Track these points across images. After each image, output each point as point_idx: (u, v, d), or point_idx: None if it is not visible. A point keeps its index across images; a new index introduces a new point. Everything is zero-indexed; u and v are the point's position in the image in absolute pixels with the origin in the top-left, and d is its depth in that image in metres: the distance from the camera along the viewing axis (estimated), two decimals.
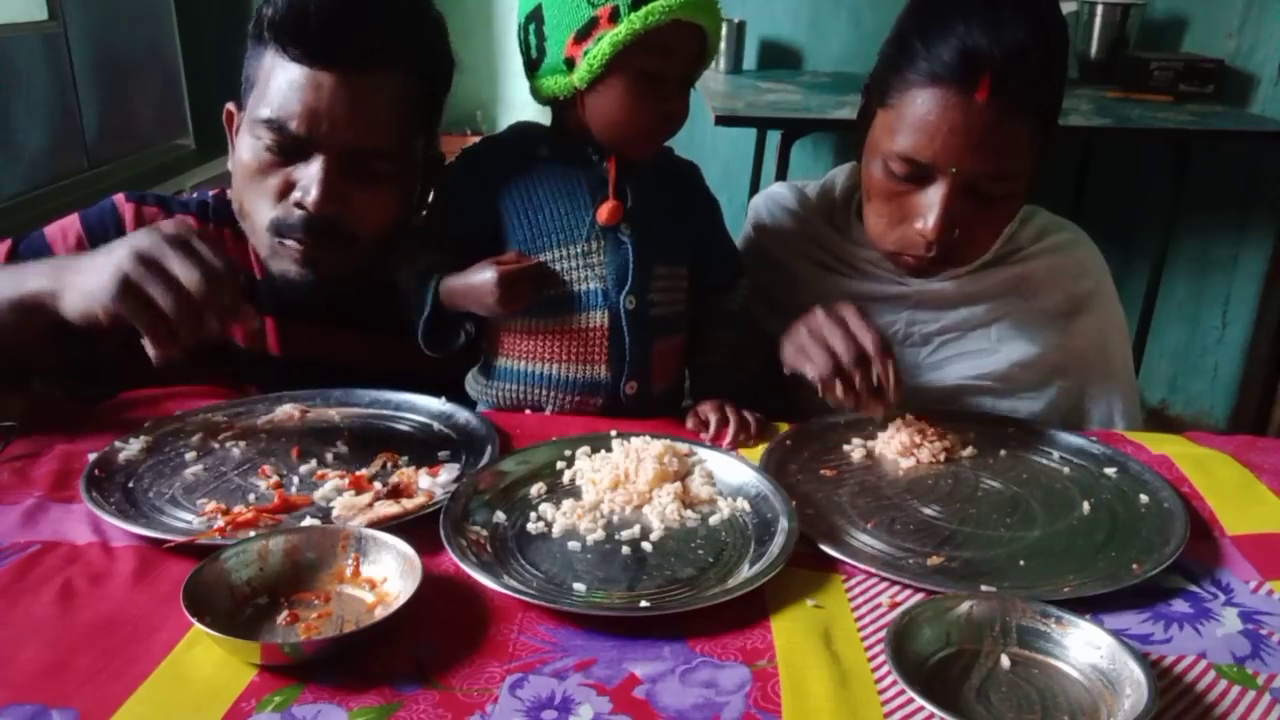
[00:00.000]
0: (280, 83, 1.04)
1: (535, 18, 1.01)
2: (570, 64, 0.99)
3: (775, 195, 1.32)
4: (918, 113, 1.03)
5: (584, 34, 0.97)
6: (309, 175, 1.05)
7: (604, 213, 1.04)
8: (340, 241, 1.08)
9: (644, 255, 1.06)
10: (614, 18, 0.95)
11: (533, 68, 1.05)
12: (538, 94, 1.06)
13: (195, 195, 1.24)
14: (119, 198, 1.19)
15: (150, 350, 0.88)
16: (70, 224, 1.17)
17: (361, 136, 1.05)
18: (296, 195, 1.06)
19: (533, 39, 1.02)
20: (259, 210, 1.08)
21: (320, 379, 1.11)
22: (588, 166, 1.06)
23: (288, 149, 1.05)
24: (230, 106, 1.15)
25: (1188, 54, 2.99)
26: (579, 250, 1.05)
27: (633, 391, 1.07)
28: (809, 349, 1.01)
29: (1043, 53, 1.01)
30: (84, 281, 0.90)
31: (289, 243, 1.07)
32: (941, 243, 1.06)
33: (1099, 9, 2.97)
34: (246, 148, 1.08)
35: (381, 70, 1.05)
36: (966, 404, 1.17)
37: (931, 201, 1.05)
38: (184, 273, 0.87)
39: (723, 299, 1.15)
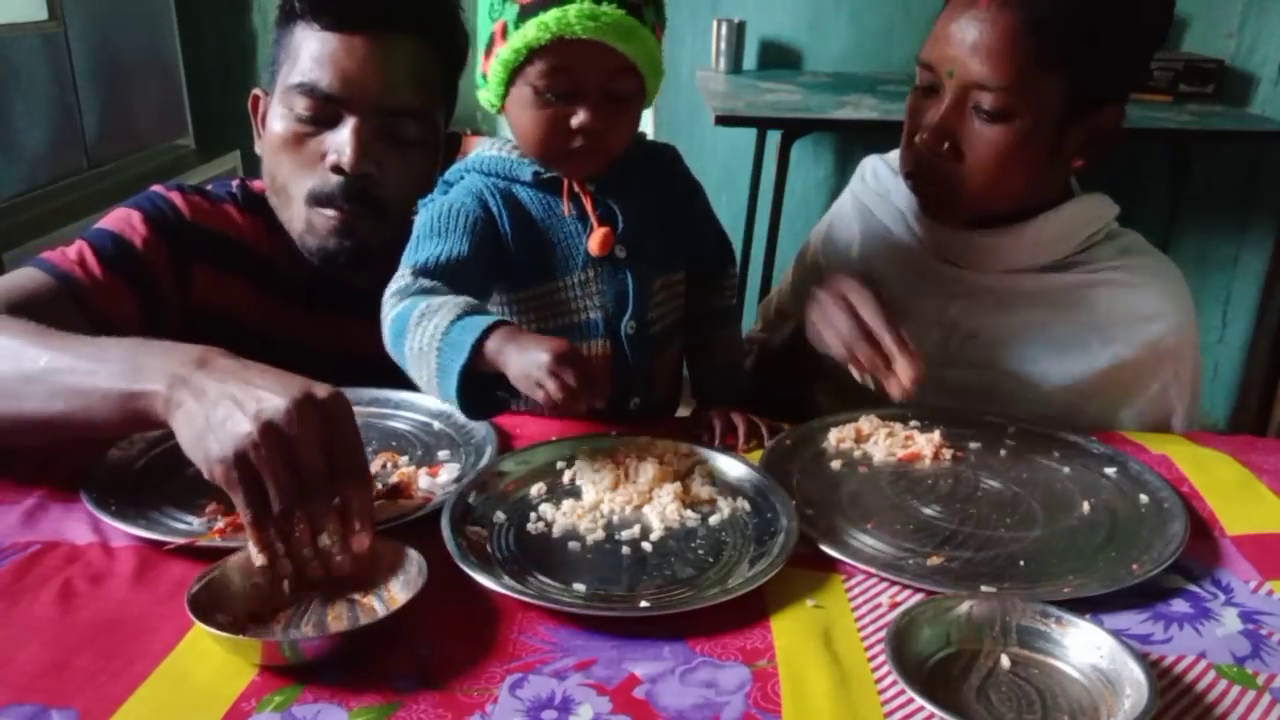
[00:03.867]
0: (312, 50, 1.07)
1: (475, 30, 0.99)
2: (485, 79, 0.98)
3: (884, 156, 1.34)
4: (939, 21, 1.09)
5: (488, 50, 0.95)
6: (342, 138, 1.08)
7: (594, 244, 0.99)
8: (374, 207, 1.10)
9: (643, 276, 1.03)
10: (505, 34, 0.92)
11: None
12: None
13: (221, 185, 1.24)
14: (158, 188, 1.18)
15: (253, 550, 0.73)
16: (129, 215, 1.13)
17: (391, 95, 1.08)
18: (331, 159, 1.08)
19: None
20: (295, 181, 1.11)
21: (339, 370, 1.12)
22: (572, 191, 1.01)
23: (320, 114, 1.08)
24: (256, 92, 1.18)
25: (1188, 54, 2.99)
26: (576, 280, 1.01)
27: (637, 406, 1.07)
28: (834, 319, 1.01)
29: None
30: (202, 423, 0.75)
31: (327, 212, 1.10)
32: (936, 154, 1.08)
33: None
34: (278, 119, 1.11)
35: (408, 36, 1.10)
36: (987, 404, 1.14)
37: (935, 111, 1.08)
38: (315, 461, 0.73)
39: (715, 295, 1.12)
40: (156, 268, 1.12)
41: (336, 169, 1.08)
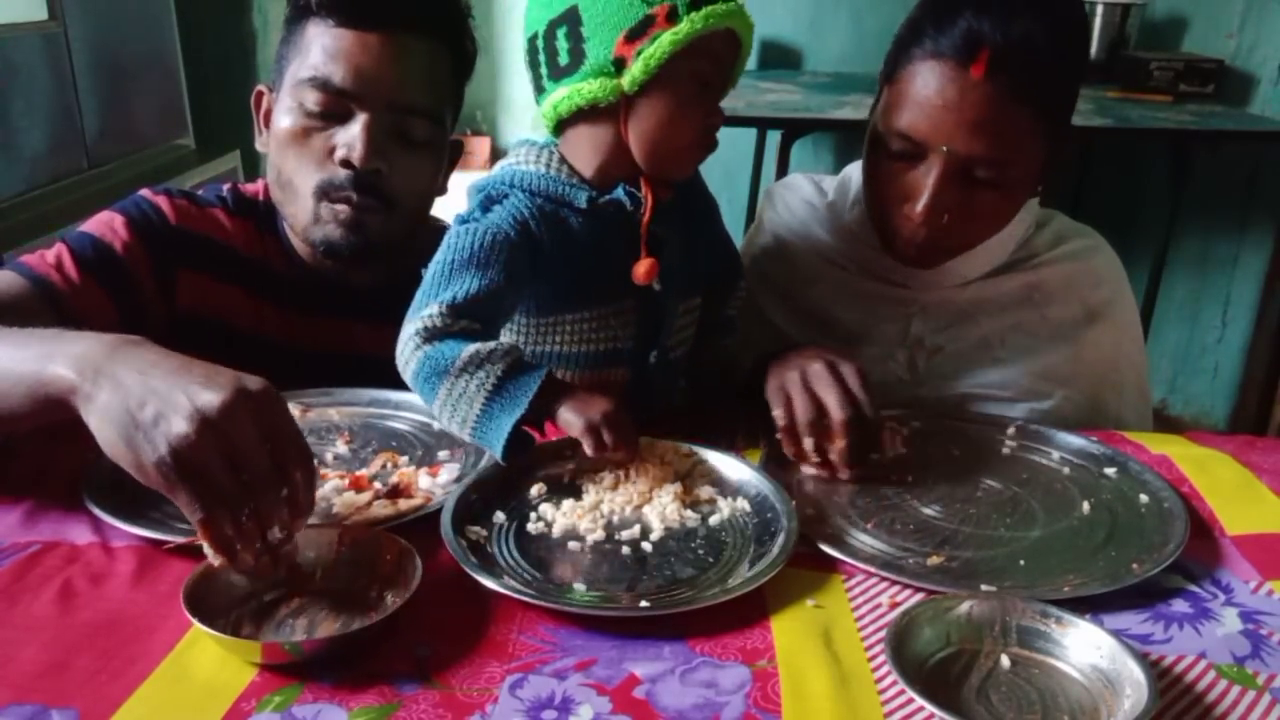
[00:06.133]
0: (325, 45, 1.07)
1: (569, 20, 0.94)
2: (620, 65, 0.92)
3: (791, 185, 1.31)
4: (915, 87, 1.03)
5: (637, 33, 0.91)
6: (352, 134, 1.07)
7: (641, 273, 0.96)
8: (382, 204, 1.10)
9: (673, 305, 1.03)
10: (672, 17, 0.90)
11: (560, 75, 0.95)
12: (564, 105, 0.95)
13: (211, 189, 1.24)
14: (145, 192, 1.18)
15: (207, 551, 0.71)
16: (111, 219, 1.14)
17: (403, 93, 1.08)
18: (341, 153, 1.08)
19: (563, 43, 0.94)
20: (302, 175, 1.10)
21: (334, 371, 1.12)
22: (623, 218, 0.97)
23: (330, 109, 1.08)
24: (261, 88, 1.18)
25: (1188, 54, 2.99)
26: (613, 310, 1.00)
27: (644, 419, 1.07)
28: (789, 390, 0.97)
29: (1051, 45, 1.00)
30: (124, 419, 0.71)
31: (336, 206, 1.09)
32: (931, 226, 1.05)
33: (1099, 9, 2.97)
34: (286, 113, 1.10)
35: (421, 37, 1.10)
36: (967, 411, 1.15)
37: (923, 182, 1.04)
38: (255, 460, 0.71)
39: (723, 307, 1.13)
40: (137, 272, 1.11)
41: (346, 163, 1.07)
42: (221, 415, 0.70)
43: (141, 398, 0.71)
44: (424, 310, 0.90)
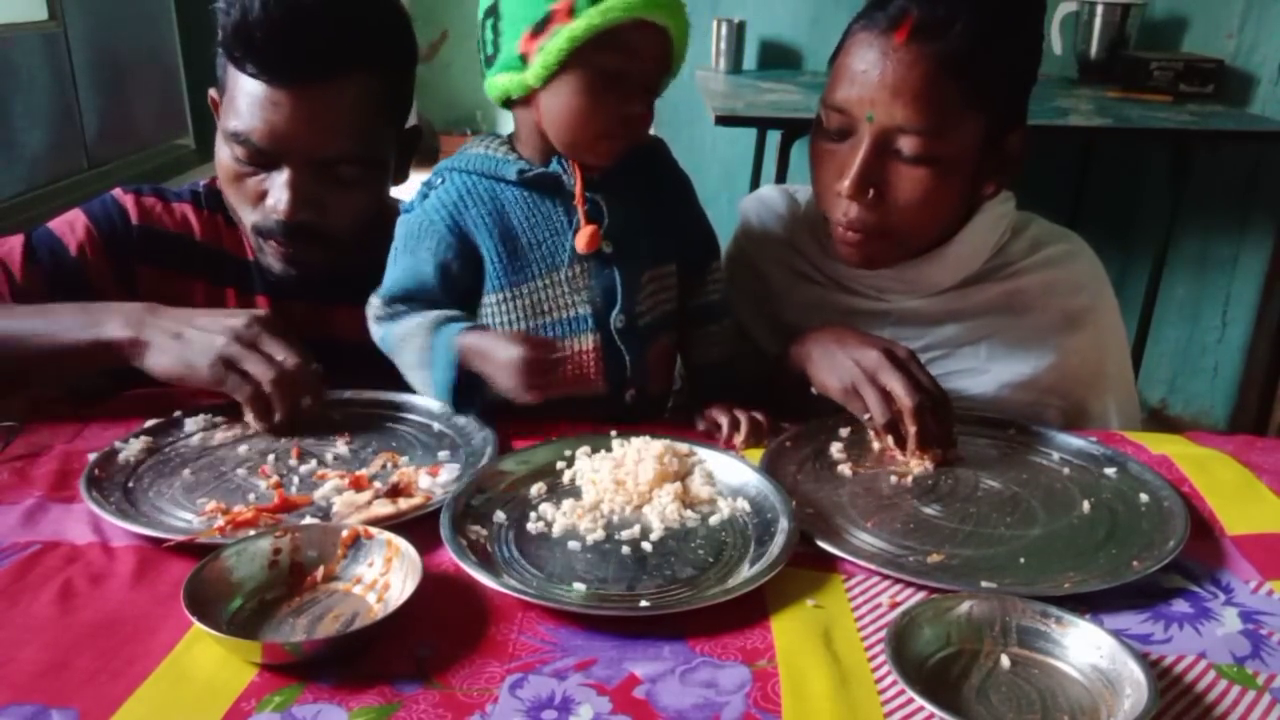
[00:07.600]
0: (243, 96, 1.07)
1: (493, 12, 0.98)
2: (524, 60, 0.95)
3: (764, 199, 1.30)
4: (844, 59, 1.06)
5: (539, 28, 0.93)
6: (278, 186, 1.09)
7: (581, 242, 1.00)
8: (317, 241, 1.12)
9: (630, 270, 1.04)
10: (571, 12, 0.92)
11: (488, 64, 1.00)
12: (492, 93, 1.02)
13: (187, 186, 1.27)
14: (116, 191, 1.22)
15: (251, 419, 0.99)
16: (75, 218, 1.18)
17: (325, 146, 1.08)
18: (270, 203, 1.10)
19: (489, 34, 0.99)
20: (242, 212, 1.14)
21: (317, 356, 1.12)
22: (559, 188, 1.02)
23: (257, 160, 1.09)
24: (213, 93, 1.18)
25: (1188, 54, 2.99)
26: (563, 276, 1.02)
27: (633, 399, 1.07)
28: (863, 390, 0.98)
29: (983, 18, 1.00)
30: (179, 348, 0.98)
31: (270, 244, 1.13)
32: (859, 202, 1.05)
33: (1099, 9, 2.97)
34: (223, 153, 1.12)
35: (340, 78, 1.06)
36: (966, 411, 1.15)
37: (851, 156, 1.05)
38: (279, 354, 0.98)
39: (701, 288, 1.12)
40: (90, 271, 1.15)
41: (275, 213, 1.09)
42: (244, 325, 0.98)
43: (185, 332, 0.99)
44: (370, 300, 1.05)
